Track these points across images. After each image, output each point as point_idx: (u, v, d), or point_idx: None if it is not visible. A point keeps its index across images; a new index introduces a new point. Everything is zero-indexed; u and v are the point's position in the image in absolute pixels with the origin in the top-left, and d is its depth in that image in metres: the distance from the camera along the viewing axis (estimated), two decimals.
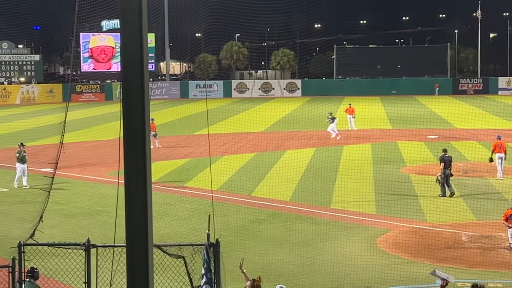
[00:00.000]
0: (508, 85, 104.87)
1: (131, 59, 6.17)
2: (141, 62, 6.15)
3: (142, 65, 6.16)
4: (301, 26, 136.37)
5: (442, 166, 30.03)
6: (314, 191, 31.26)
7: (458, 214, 26.57)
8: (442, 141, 47.76)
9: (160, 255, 12.98)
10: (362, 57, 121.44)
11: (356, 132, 54.04)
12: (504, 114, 63.27)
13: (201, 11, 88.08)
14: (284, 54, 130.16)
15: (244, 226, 25.48)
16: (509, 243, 22.26)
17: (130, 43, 6.15)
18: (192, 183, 34.20)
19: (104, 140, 49.30)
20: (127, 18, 6.12)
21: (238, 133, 52.95)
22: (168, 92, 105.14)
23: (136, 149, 6.22)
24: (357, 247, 22.32)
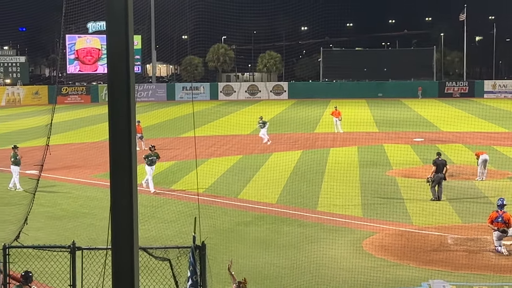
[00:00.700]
0: (494, 88, 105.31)
1: (117, 61, 6.15)
2: (127, 64, 6.13)
3: (128, 67, 6.14)
4: (288, 28, 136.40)
5: (434, 169, 29.94)
6: (300, 194, 31.26)
7: (444, 216, 26.65)
8: (428, 144, 47.94)
9: (145, 258, 12.92)
10: (348, 60, 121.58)
11: (342, 135, 54.12)
12: (490, 117, 63.55)
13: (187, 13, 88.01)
14: (271, 56, 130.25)
15: (230, 229, 25.45)
16: (494, 246, 22.33)
17: (116, 45, 6.13)
18: (178, 185, 34.14)
19: (90, 142, 49.16)
20: (113, 20, 6.10)
21: (225, 136, 52.91)
22: (154, 94, 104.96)
23: (122, 151, 6.20)
24: (343, 250, 22.33)
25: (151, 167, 32.61)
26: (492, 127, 58.78)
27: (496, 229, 22.22)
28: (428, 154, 42.42)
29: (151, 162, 32.61)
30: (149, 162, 32.54)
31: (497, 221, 22.36)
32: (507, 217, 22.35)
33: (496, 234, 22.30)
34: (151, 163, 32.60)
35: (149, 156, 32.76)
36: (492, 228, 22.41)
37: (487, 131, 55.18)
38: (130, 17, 6.12)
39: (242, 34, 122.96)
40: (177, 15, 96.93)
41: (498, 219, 22.36)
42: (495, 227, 22.25)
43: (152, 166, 32.68)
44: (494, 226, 22.29)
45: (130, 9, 6.12)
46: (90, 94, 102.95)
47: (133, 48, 6.18)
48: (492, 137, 51.76)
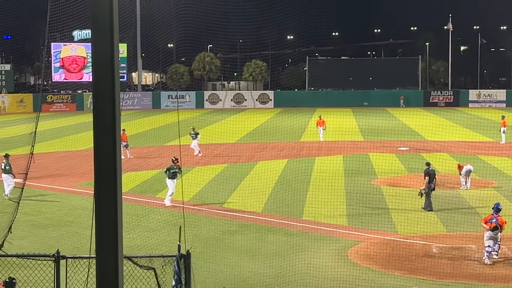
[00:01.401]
0: (479, 98, 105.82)
1: (102, 69, 6.14)
2: (112, 72, 6.12)
3: (113, 75, 6.13)
4: (274, 37, 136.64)
5: (426, 180, 29.77)
6: (285, 203, 31.26)
7: (429, 226, 26.71)
8: (413, 153, 48.06)
9: (130, 267, 12.89)
10: (334, 69, 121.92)
11: (326, 144, 54.13)
12: (474, 127, 63.85)
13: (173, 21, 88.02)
14: (257, 65, 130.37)
15: (216, 238, 25.41)
16: (485, 247, 22.50)
17: (101, 53, 6.12)
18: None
19: (74, 150, 49.01)
20: (98, 28, 6.10)
21: (210, 144, 52.88)
22: (140, 102, 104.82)
23: (107, 160, 6.18)
24: (329, 259, 22.33)
25: (172, 180, 30.75)
26: (477, 136, 59.03)
27: (488, 229, 22.44)
28: (413, 163, 42.56)
29: (173, 175, 30.70)
30: (171, 175, 30.72)
31: (491, 222, 22.63)
32: (501, 221, 22.65)
33: (488, 234, 22.47)
34: (173, 176, 30.70)
35: (171, 169, 30.94)
36: (485, 227, 22.61)
37: (471, 140, 55.42)
38: (115, 25, 6.11)
39: (228, 42, 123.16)
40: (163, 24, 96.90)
41: (492, 220, 22.67)
42: (488, 227, 22.47)
43: (174, 179, 30.74)
44: (487, 226, 22.50)
45: (115, 17, 6.11)
46: (75, 102, 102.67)
47: (118, 56, 6.17)
48: (477, 146, 51.98)
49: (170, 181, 30.79)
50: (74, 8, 68.73)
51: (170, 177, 30.76)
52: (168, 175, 30.84)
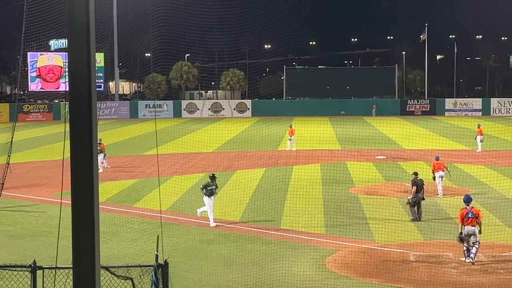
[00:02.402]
0: (455, 107, 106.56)
1: (78, 78, 6.13)
2: (88, 81, 6.11)
3: (89, 84, 6.12)
4: (251, 46, 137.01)
5: (414, 190, 29.53)
6: (264, 211, 31.27)
7: (406, 234, 26.80)
8: (390, 162, 48.29)
9: (107, 277, 12.83)
10: (311, 78, 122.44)
11: (302, 153, 54.18)
12: (451, 135, 64.21)
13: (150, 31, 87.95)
14: (234, 74, 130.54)
15: (193, 247, 25.35)
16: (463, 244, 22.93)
17: (78, 62, 6.11)
18: (141, 203, 33.94)
19: (51, 160, 48.70)
20: (74, 37, 6.09)
21: (188, 153, 52.80)
22: (117, 112, 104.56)
23: (83, 169, 6.16)
24: (307, 268, 22.34)
25: (210, 198, 29.17)
26: (453, 145, 59.39)
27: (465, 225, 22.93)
28: (390, 172, 42.79)
29: (211, 193, 29.19)
30: (208, 192, 29.11)
31: (467, 217, 23.03)
32: (476, 212, 23.18)
33: (466, 229, 22.92)
34: (211, 194, 29.19)
35: (208, 186, 29.33)
36: (462, 225, 23.07)
37: (448, 149, 55.75)
38: (92, 34, 6.11)
39: (206, 52, 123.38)
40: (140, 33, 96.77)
41: (468, 215, 23.06)
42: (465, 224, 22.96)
43: (211, 197, 29.23)
44: (464, 223, 23.00)
45: (92, 27, 6.10)
46: (52, 112, 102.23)
47: (94, 66, 6.17)
48: (453, 154, 52.29)
49: (207, 199, 29.15)
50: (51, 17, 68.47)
51: (207, 195, 29.15)
52: (205, 193, 29.18)
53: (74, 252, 6.23)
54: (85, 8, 6.04)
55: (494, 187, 37.21)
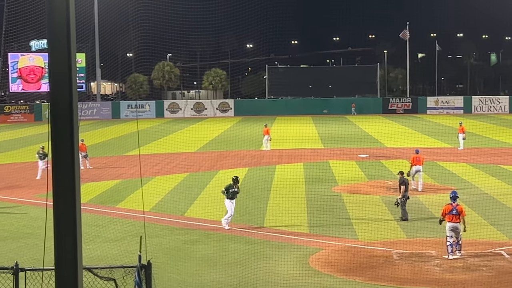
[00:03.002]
0: (437, 105, 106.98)
1: (59, 79, 6.08)
2: (69, 82, 6.07)
3: (70, 85, 6.08)
4: (233, 46, 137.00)
5: (403, 189, 29.32)
6: (247, 211, 31.26)
7: (389, 232, 26.88)
8: (373, 160, 48.41)
9: (90, 278, 12.77)
10: (293, 77, 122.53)
11: (279, 152, 54.13)
12: (433, 133, 64.52)
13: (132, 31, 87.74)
14: (216, 74, 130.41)
15: (177, 247, 25.31)
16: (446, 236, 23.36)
17: (58, 63, 6.07)
18: (124, 204, 33.84)
19: (33, 161, 48.43)
20: (55, 37, 6.04)
21: (171, 154, 52.71)
22: (99, 112, 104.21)
23: (65, 170, 6.12)
24: (290, 267, 22.35)
25: (231, 201, 28.31)
26: (435, 143, 59.65)
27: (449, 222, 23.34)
28: (373, 170, 42.89)
29: (233, 196, 28.36)
30: (230, 195, 28.30)
31: (451, 214, 23.41)
32: (460, 209, 23.58)
33: (449, 225, 23.34)
34: (233, 197, 28.35)
35: (230, 189, 28.48)
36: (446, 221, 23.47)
37: (430, 147, 55.96)
38: (72, 35, 6.07)
39: (188, 51, 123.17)
40: (121, 33, 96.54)
41: (452, 211, 23.44)
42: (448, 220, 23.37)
43: (233, 200, 28.37)
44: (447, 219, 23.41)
45: (72, 27, 6.07)
46: (33, 113, 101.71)
47: (75, 66, 6.13)
48: (435, 152, 52.51)
49: (229, 202, 28.29)
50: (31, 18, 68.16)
51: (229, 198, 28.33)
52: (227, 196, 28.31)
53: (56, 254, 6.19)
54: (65, 8, 6.00)
55: (476, 185, 37.40)
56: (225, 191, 28.41)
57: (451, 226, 23.34)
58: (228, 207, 28.29)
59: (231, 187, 28.47)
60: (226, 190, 28.44)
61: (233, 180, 28.90)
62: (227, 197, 28.25)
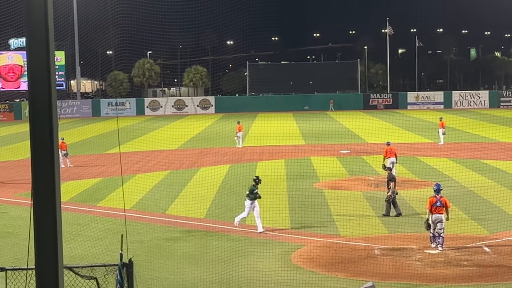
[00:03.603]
0: (417, 100, 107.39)
1: (38, 77, 6.04)
2: (48, 80, 6.03)
3: (49, 83, 6.04)
4: (213, 43, 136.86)
5: (393, 185, 29.17)
6: (229, 208, 31.23)
7: (371, 227, 26.95)
8: (354, 156, 48.52)
9: (71, 277, 12.70)
10: (274, 74, 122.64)
11: (267, 149, 54.16)
12: (413, 129, 64.76)
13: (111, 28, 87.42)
14: (197, 71, 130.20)
15: (159, 245, 25.24)
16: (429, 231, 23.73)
17: (37, 61, 6.03)
18: (105, 202, 33.71)
19: (13, 160, 48.20)
20: (33, 36, 6.00)
21: (152, 151, 52.58)
22: (79, 110, 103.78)
23: (44, 169, 6.08)
24: (272, 263, 22.35)
25: (252, 202, 27.30)
26: (416, 138, 59.87)
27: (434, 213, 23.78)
28: (354, 166, 42.97)
29: (254, 197, 27.33)
30: (252, 196, 27.31)
31: (436, 206, 23.81)
32: (444, 201, 24.07)
33: (433, 217, 23.76)
34: (254, 198, 27.31)
35: (254, 190, 27.42)
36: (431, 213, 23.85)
37: (411, 142, 56.18)
38: (51, 32, 6.02)
39: (168, 48, 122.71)
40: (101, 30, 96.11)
41: (437, 203, 23.87)
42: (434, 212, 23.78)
43: (255, 201, 27.30)
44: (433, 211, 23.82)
45: (51, 25, 6.02)
46: (13, 112, 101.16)
47: (54, 65, 6.08)
48: (416, 147, 52.72)
49: (249, 203, 27.20)
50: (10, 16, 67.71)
51: (251, 199, 27.23)
52: (251, 198, 27.22)
53: (36, 253, 6.15)
54: (43, 6, 5.96)
55: (456, 179, 37.57)
56: (250, 194, 27.25)
57: (435, 218, 23.74)
58: (247, 208, 27.29)
59: (254, 189, 27.40)
60: (250, 192, 27.31)
61: (255, 180, 27.95)
62: (250, 199, 27.21)
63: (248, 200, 27.30)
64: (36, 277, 6.20)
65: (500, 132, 56.73)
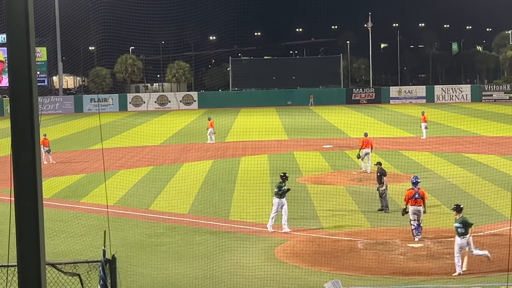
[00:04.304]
0: (399, 94, 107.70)
1: (19, 73, 6.02)
2: (29, 76, 6.01)
3: (30, 79, 6.01)
4: (196, 38, 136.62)
5: (386, 180, 29.10)
6: (212, 203, 31.23)
7: (354, 222, 27.04)
8: (337, 150, 48.62)
9: (54, 274, 12.66)
10: (257, 69, 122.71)
11: (250, 144, 54.18)
12: (396, 123, 64.98)
13: (93, 24, 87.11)
14: (180, 66, 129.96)
15: (142, 241, 25.21)
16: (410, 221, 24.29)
17: (17, 57, 6.00)
18: (88, 198, 33.61)
19: None
20: (13, 32, 5.98)
21: (135, 147, 52.46)
22: (61, 106, 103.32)
23: (26, 165, 6.06)
24: (256, 258, 22.39)
25: (280, 200, 26.30)
26: (399, 132, 60.08)
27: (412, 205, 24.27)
28: (337, 161, 43.06)
29: (283, 194, 26.46)
30: (281, 193, 26.42)
31: (414, 198, 24.31)
32: (422, 193, 24.61)
33: (412, 209, 24.19)
34: (282, 195, 26.44)
35: (282, 187, 26.54)
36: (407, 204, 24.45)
37: (393, 136, 56.38)
38: (31, 28, 6.00)
39: (150, 44, 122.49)
40: (83, 26, 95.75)
41: (415, 195, 24.36)
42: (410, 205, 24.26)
43: (283, 198, 26.32)
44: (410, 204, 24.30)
45: (31, 20, 6.00)
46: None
47: (35, 60, 6.06)
48: (399, 142, 52.91)
49: (278, 201, 26.22)
50: None
51: (279, 197, 26.29)
52: (278, 195, 26.29)
53: (18, 250, 6.13)
54: (24, 1, 5.93)
55: (438, 173, 37.76)
56: (279, 191, 26.32)
57: (414, 210, 24.14)
58: (275, 205, 26.27)
59: (282, 186, 26.48)
60: (279, 189, 26.37)
61: (282, 177, 27.07)
62: (280, 197, 26.22)
63: (276, 198, 26.27)
64: (18, 274, 6.18)
65: (482, 126, 57.02)
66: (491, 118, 65.93)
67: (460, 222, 21.12)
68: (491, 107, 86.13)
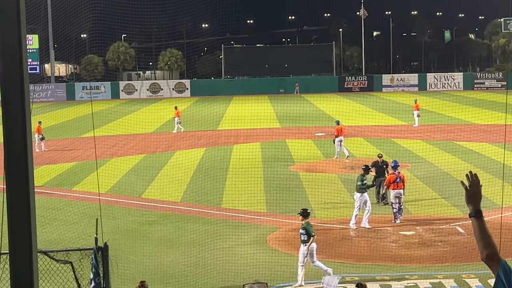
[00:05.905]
0: (392, 82, 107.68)
1: (10, 61, 6.00)
2: (20, 64, 5.99)
3: (21, 67, 6.00)
4: (188, 26, 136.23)
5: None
6: (204, 191, 31.25)
7: (346, 210, 27.08)
8: (330, 138, 48.61)
9: (47, 261, 12.68)
10: (250, 57, 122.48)
11: (242, 132, 54.12)
12: (388, 111, 65.04)
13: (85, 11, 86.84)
14: (172, 54, 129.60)
15: (134, 229, 25.23)
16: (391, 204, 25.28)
17: (8, 45, 5.98)
18: (80, 186, 33.60)
19: None
20: (4, 19, 5.95)
21: (127, 135, 52.39)
22: (53, 94, 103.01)
23: (17, 153, 6.05)
24: (248, 246, 22.43)
25: (362, 195, 24.70)
26: (391, 120, 60.14)
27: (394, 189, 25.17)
28: (329, 149, 43.09)
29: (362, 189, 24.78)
30: (364, 187, 24.87)
31: (396, 182, 25.23)
32: (402, 177, 25.72)
33: (394, 193, 25.14)
34: (364, 190, 24.79)
35: (364, 181, 24.95)
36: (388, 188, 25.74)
37: (386, 124, 56.45)
38: (22, 15, 5.98)
39: (142, 32, 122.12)
40: (75, 13, 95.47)
41: (397, 180, 25.29)
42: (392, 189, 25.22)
43: (364, 193, 24.69)
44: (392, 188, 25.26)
45: (22, 7, 5.97)
46: None
47: (26, 48, 6.04)
48: (391, 130, 52.97)
49: (358, 196, 24.76)
50: None
51: (360, 191, 24.76)
52: (360, 190, 24.81)
53: (10, 237, 6.13)
54: None
55: (430, 161, 37.85)
56: (362, 185, 24.78)
57: (396, 193, 25.01)
58: (357, 202, 24.84)
59: (364, 179, 25.03)
60: (361, 183, 24.81)
61: (364, 169, 25.87)
62: (363, 191, 24.75)
63: (357, 193, 24.87)
64: (10, 261, 6.18)
65: (474, 114, 57.12)
66: (483, 106, 66.01)
67: (303, 228, 19.85)
68: (483, 95, 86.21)
